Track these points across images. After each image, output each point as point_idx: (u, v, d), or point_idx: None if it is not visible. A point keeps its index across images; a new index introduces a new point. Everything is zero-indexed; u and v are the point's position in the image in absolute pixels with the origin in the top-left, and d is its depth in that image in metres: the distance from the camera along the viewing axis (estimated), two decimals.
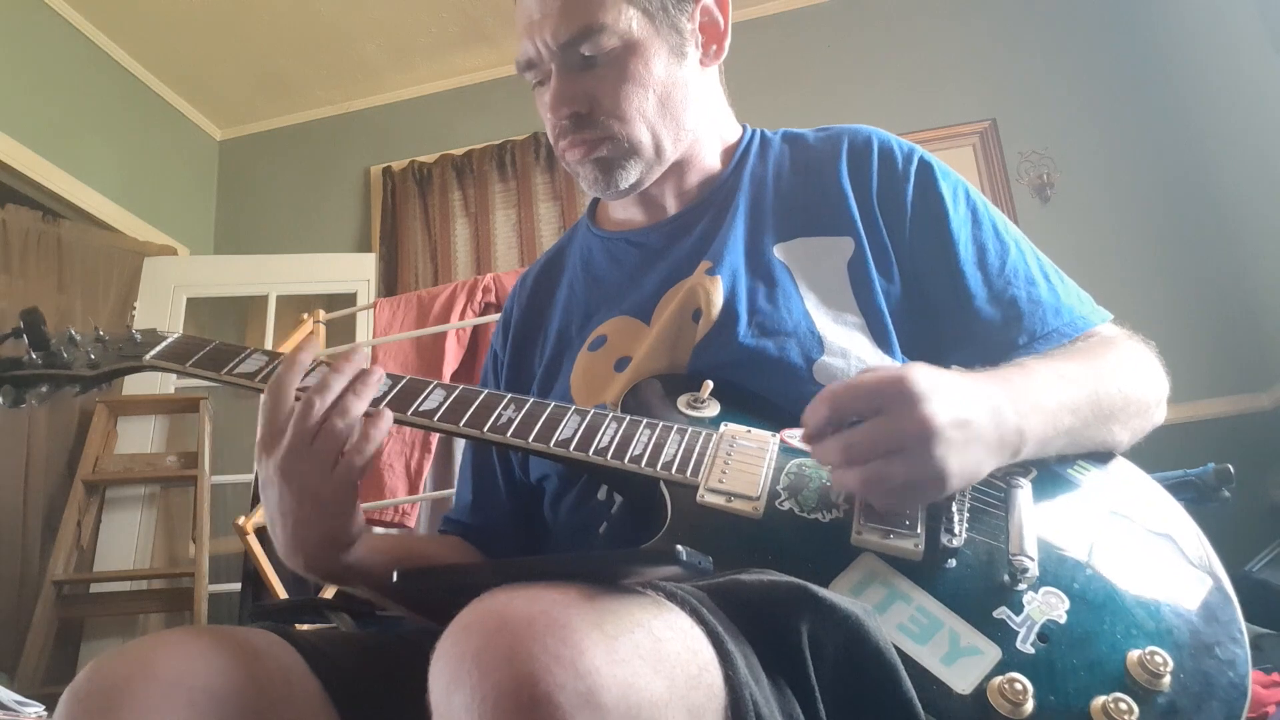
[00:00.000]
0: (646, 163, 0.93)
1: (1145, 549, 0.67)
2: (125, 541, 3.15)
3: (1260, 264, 2.92)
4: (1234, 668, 0.59)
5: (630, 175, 0.93)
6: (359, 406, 0.75)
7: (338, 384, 0.75)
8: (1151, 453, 0.80)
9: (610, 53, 0.89)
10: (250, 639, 0.70)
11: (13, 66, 3.14)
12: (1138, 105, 3.26)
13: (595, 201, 1.11)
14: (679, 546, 0.51)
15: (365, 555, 0.80)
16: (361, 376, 0.76)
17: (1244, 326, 2.95)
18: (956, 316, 0.88)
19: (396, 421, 0.79)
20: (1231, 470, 1.18)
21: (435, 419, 0.78)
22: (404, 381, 0.81)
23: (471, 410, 0.79)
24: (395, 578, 0.57)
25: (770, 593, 0.55)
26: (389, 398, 0.80)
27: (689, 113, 0.96)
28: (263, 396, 0.76)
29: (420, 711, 0.48)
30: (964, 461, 0.63)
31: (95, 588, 3.02)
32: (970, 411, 0.64)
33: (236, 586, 2.81)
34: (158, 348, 0.90)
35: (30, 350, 0.91)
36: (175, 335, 0.92)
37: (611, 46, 0.89)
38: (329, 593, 1.86)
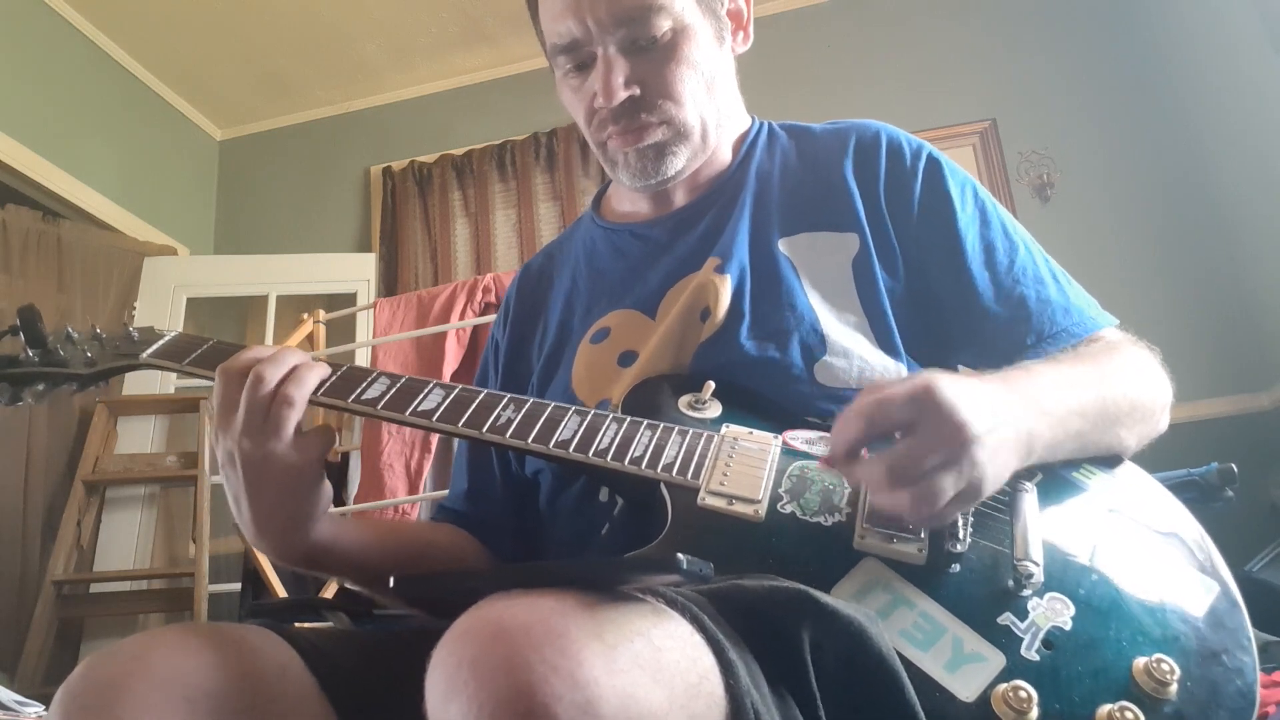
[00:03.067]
0: (694, 148, 0.93)
1: (1152, 554, 0.67)
2: (125, 541, 3.15)
3: (1260, 264, 2.92)
4: (1241, 676, 0.58)
5: (679, 161, 0.92)
6: (312, 378, 0.75)
7: (290, 358, 0.75)
8: (1151, 453, 0.80)
9: (665, 34, 0.87)
10: (246, 636, 0.69)
11: (13, 66, 3.14)
12: (1138, 105, 3.25)
13: (600, 193, 1.10)
14: (680, 555, 0.50)
15: (340, 535, 0.80)
16: (308, 363, 0.77)
17: (1244, 326, 2.95)
18: (963, 315, 0.87)
19: (396, 422, 0.79)
20: (1235, 470, 1.17)
21: (434, 419, 0.77)
22: (402, 381, 0.81)
23: (470, 410, 0.78)
24: (391, 584, 0.57)
25: (771, 598, 0.55)
26: (388, 397, 0.79)
27: (727, 99, 0.96)
28: (217, 377, 0.76)
29: (416, 711, 0.47)
30: (997, 467, 0.62)
31: (95, 588, 3.02)
32: (995, 416, 0.62)
33: (236, 586, 2.81)
34: (155, 346, 0.90)
35: (27, 348, 0.90)
36: (173, 333, 0.91)
37: (667, 28, 0.87)
38: (328, 592, 1.86)
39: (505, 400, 0.79)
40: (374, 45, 3.80)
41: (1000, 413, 0.63)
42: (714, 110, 0.93)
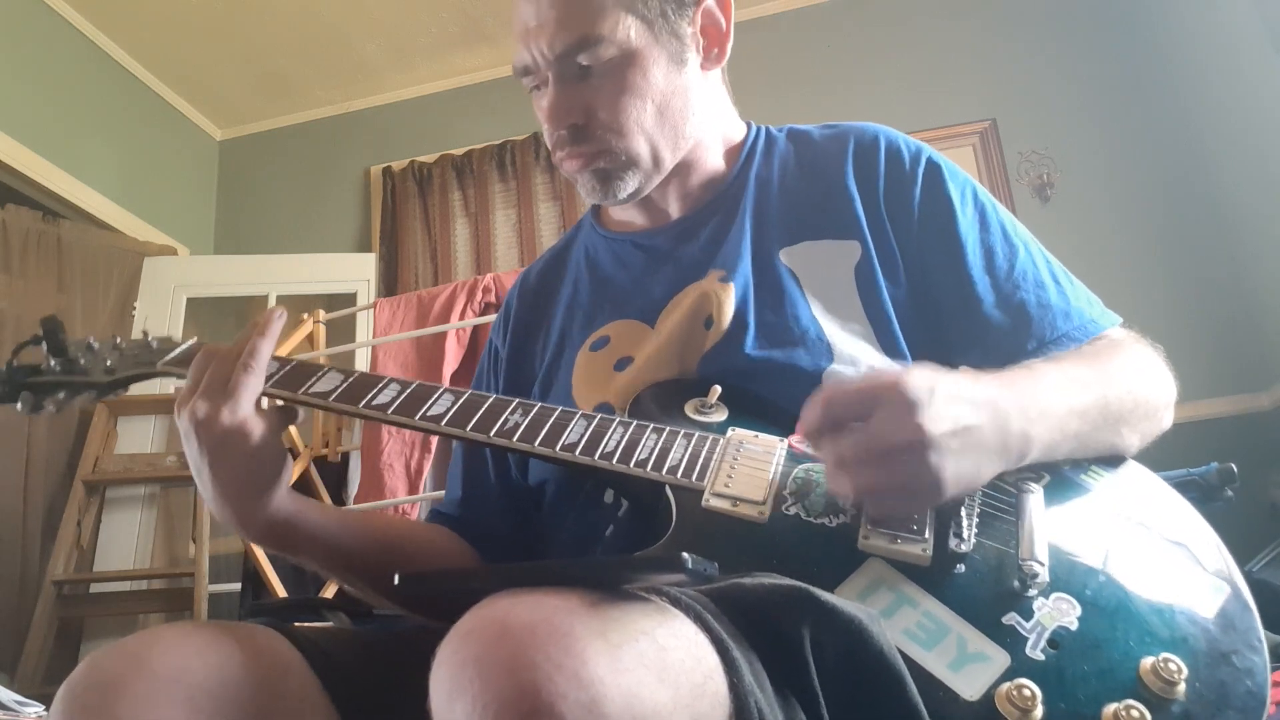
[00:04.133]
0: (645, 173, 0.93)
1: (1159, 554, 0.67)
2: (125, 541, 3.15)
3: (1260, 264, 2.92)
4: (1251, 676, 0.58)
5: (629, 186, 0.92)
6: (266, 348, 0.78)
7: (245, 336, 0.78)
8: (1151, 453, 0.80)
9: (608, 63, 0.87)
10: (248, 634, 0.69)
11: (13, 66, 3.14)
12: (1138, 105, 3.25)
13: None
14: (684, 554, 0.50)
15: (303, 511, 0.81)
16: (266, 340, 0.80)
17: (1244, 326, 2.95)
18: (964, 321, 0.87)
19: (406, 427, 0.80)
20: (1235, 469, 1.17)
21: (443, 424, 0.78)
22: (412, 387, 0.82)
23: (478, 415, 0.79)
24: (396, 581, 0.57)
25: (771, 596, 0.55)
26: (397, 403, 0.80)
27: (689, 120, 0.95)
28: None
29: (418, 710, 0.47)
30: (960, 469, 0.62)
31: (95, 588, 3.02)
32: (971, 418, 0.63)
33: (236, 586, 2.81)
34: (172, 354, 0.91)
35: (49, 357, 0.92)
36: (190, 341, 0.93)
37: (609, 57, 0.87)
38: (328, 592, 1.86)
39: (513, 405, 0.80)
40: (374, 45, 3.80)
41: (982, 416, 0.64)
42: (669, 134, 0.92)
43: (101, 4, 3.40)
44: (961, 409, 0.62)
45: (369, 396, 0.81)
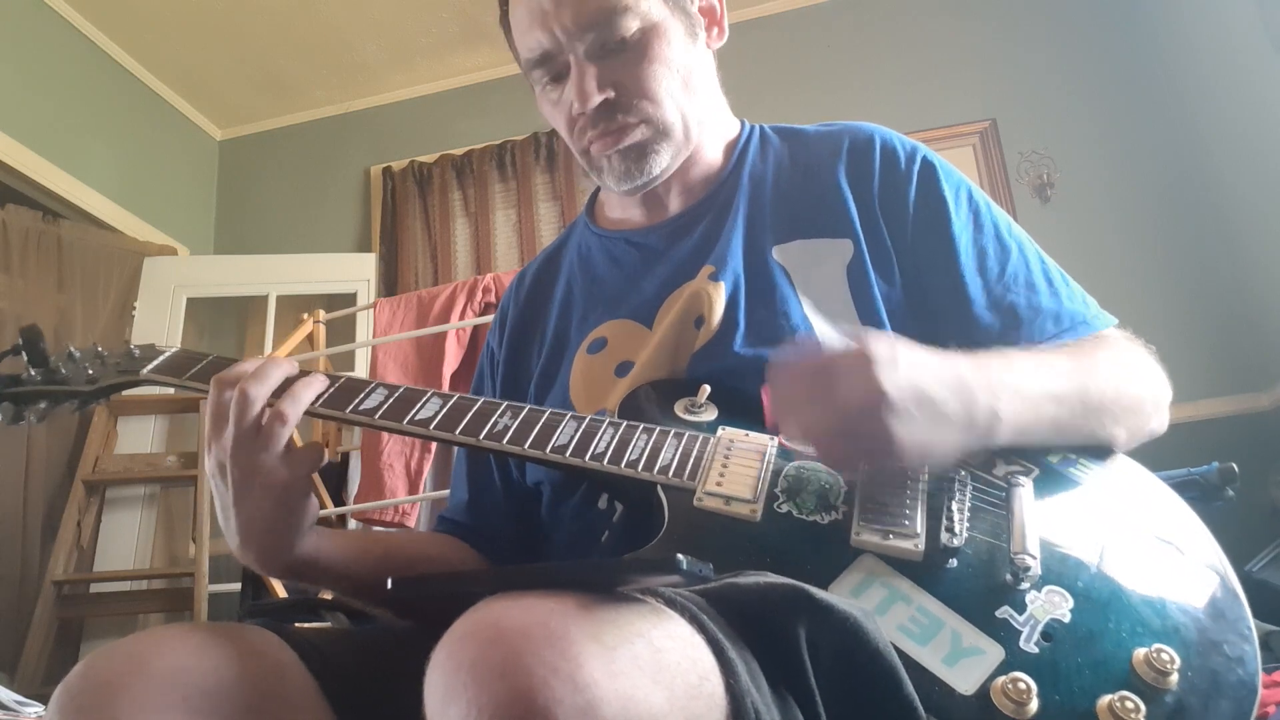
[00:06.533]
0: (677, 146, 0.92)
1: (1150, 546, 0.67)
2: (125, 541, 3.15)
3: (1260, 264, 2.92)
4: (1243, 665, 0.58)
5: (662, 160, 0.91)
6: (307, 395, 0.76)
7: (276, 373, 0.75)
8: (1151, 452, 0.80)
9: (633, 35, 0.87)
10: (245, 635, 0.69)
11: (13, 66, 3.14)
12: (1138, 105, 3.25)
13: (593, 199, 1.10)
14: (679, 556, 0.50)
15: (323, 548, 0.80)
16: (303, 378, 0.77)
17: (1244, 326, 2.95)
18: (955, 321, 0.87)
19: (394, 431, 0.79)
20: (1235, 469, 1.17)
21: (431, 427, 0.78)
22: (400, 391, 0.81)
23: (467, 418, 0.79)
24: (390, 586, 0.57)
25: (767, 596, 0.55)
26: (385, 407, 0.80)
27: (706, 95, 0.96)
28: (211, 387, 0.76)
29: (415, 710, 0.47)
30: (917, 435, 0.62)
31: (95, 588, 3.02)
32: (933, 387, 0.63)
33: (236, 586, 2.81)
34: (155, 362, 0.90)
35: (29, 367, 0.90)
36: (172, 349, 0.92)
37: (634, 29, 0.87)
38: (327, 593, 1.86)
39: (502, 407, 0.80)
40: (374, 45, 3.80)
41: (943, 388, 0.64)
42: (694, 106, 0.93)
43: (101, 4, 3.40)
44: (923, 376, 0.63)
45: (355, 401, 0.80)
